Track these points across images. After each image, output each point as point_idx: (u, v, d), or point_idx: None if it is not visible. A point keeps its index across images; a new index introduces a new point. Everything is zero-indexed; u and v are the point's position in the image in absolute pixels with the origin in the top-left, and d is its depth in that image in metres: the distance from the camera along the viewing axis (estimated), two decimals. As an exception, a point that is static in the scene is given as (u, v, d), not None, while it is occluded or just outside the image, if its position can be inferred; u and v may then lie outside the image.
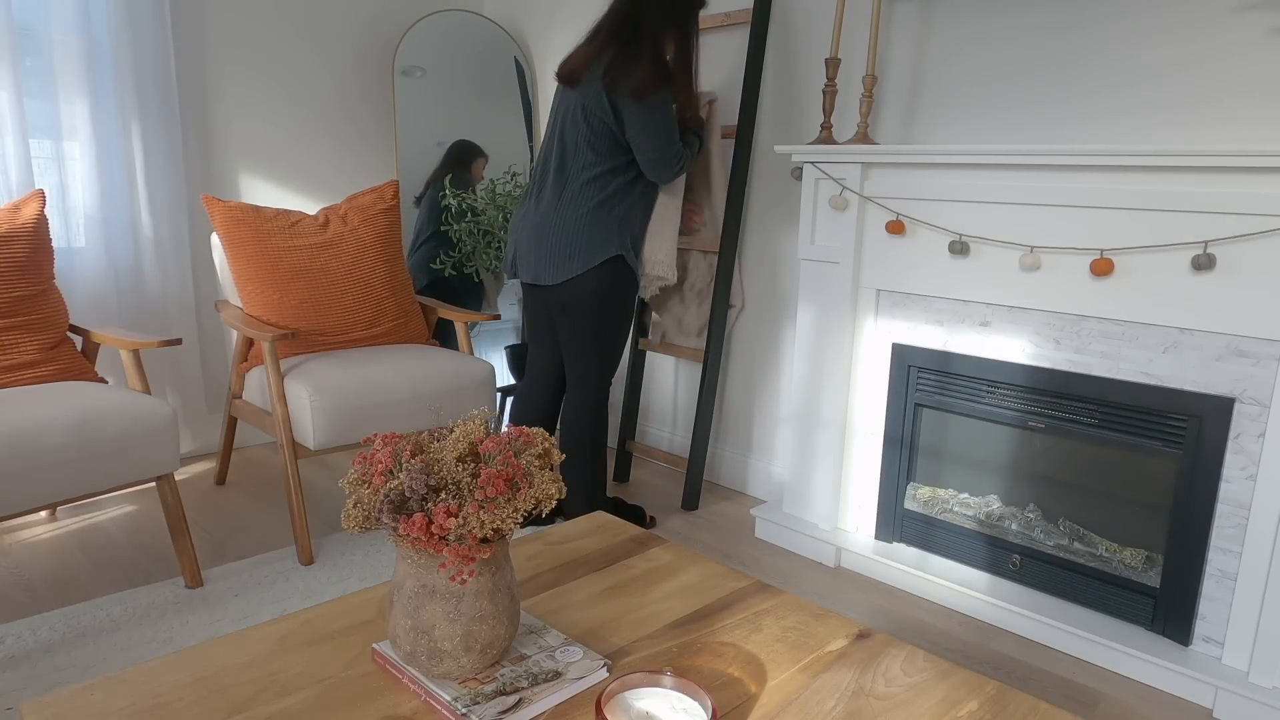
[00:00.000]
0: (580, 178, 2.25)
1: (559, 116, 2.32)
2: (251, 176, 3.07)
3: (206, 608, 1.98)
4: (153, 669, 1.01)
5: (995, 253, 2.00)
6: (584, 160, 2.25)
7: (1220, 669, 1.76)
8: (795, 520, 2.47)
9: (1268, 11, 1.75)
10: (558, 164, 2.29)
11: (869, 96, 2.21)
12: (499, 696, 0.94)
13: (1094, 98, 2.00)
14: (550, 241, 2.25)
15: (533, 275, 2.31)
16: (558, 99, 2.35)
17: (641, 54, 2.19)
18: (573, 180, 2.26)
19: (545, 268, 2.27)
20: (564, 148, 2.29)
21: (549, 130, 2.37)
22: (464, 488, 0.93)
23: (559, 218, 2.25)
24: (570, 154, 2.27)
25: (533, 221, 2.30)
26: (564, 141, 2.29)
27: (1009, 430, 2.13)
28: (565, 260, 2.23)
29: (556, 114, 2.34)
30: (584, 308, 2.27)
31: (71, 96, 2.61)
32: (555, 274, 2.26)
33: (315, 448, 2.22)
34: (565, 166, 2.28)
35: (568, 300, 2.28)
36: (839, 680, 1.04)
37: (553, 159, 2.31)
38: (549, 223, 2.26)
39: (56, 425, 1.80)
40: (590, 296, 2.26)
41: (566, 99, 2.30)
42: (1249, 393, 1.70)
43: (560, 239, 2.24)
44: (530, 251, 2.30)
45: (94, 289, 2.71)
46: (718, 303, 2.63)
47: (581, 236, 2.22)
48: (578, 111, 2.25)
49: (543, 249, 2.26)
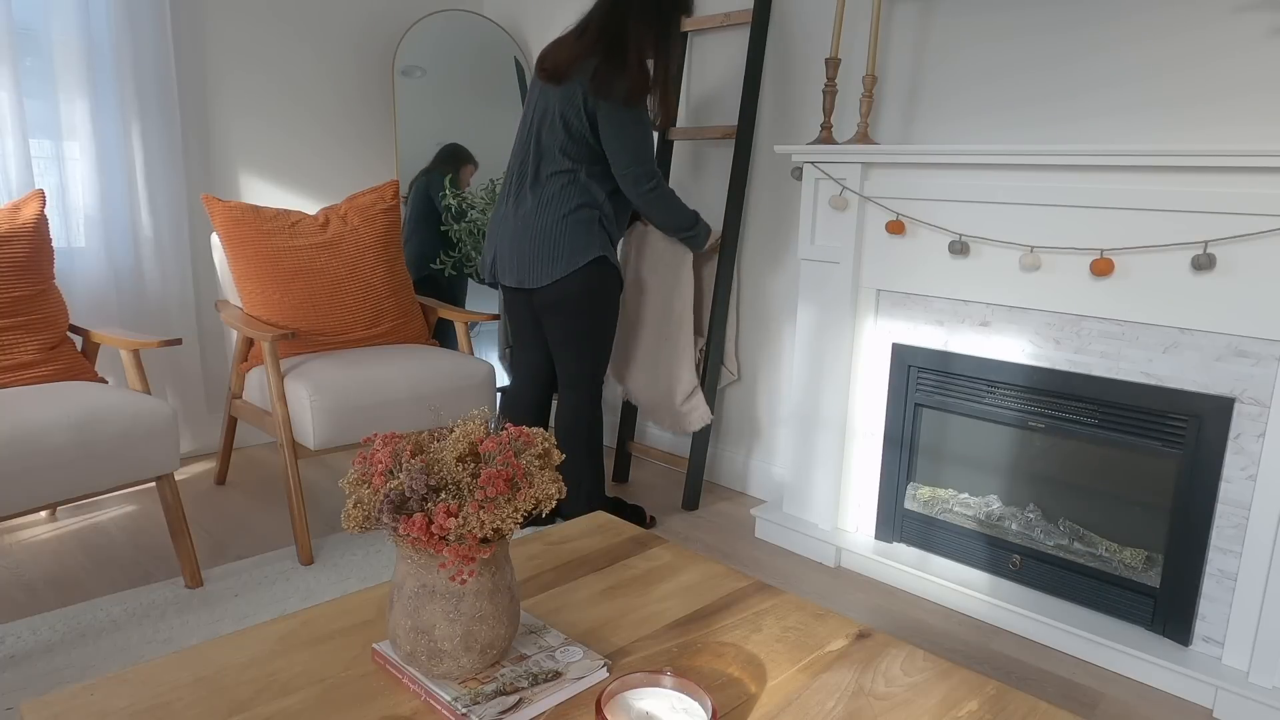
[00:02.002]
0: (558, 180, 2.23)
1: (536, 115, 2.29)
2: (251, 176, 3.07)
3: (206, 608, 1.98)
4: (153, 669, 1.01)
5: (995, 253, 2.00)
6: (561, 164, 2.23)
7: (1220, 669, 1.76)
8: (795, 520, 2.47)
9: (1268, 11, 1.75)
10: (534, 165, 2.27)
11: (869, 96, 2.21)
12: (499, 696, 0.94)
13: (1094, 97, 2.00)
14: (533, 245, 2.24)
15: (516, 279, 2.29)
16: (535, 94, 2.31)
17: (628, 61, 2.19)
18: (550, 182, 2.24)
19: (529, 270, 2.26)
20: (540, 149, 2.27)
21: (524, 128, 2.33)
22: (464, 488, 0.93)
23: (540, 221, 2.23)
24: (546, 156, 2.25)
25: (512, 226, 2.28)
26: (540, 142, 2.27)
27: (1009, 430, 2.13)
28: (550, 263, 2.22)
29: (534, 111, 2.30)
30: (570, 309, 2.27)
31: (71, 96, 2.61)
32: (540, 277, 2.24)
33: (315, 448, 2.22)
34: (541, 168, 2.26)
35: (554, 302, 2.27)
36: (839, 680, 1.04)
37: (529, 160, 2.29)
38: (530, 226, 2.24)
39: (56, 425, 1.80)
40: (576, 298, 2.25)
41: (546, 98, 2.27)
42: (1249, 393, 1.70)
43: (542, 243, 2.22)
44: (512, 255, 2.29)
45: (94, 289, 2.71)
46: (718, 301, 2.63)
47: (564, 240, 2.21)
48: (556, 115, 2.23)
49: (526, 252, 2.25)
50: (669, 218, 2.37)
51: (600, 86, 2.16)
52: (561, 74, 2.23)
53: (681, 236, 2.46)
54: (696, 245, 2.50)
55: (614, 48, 2.20)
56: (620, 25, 2.22)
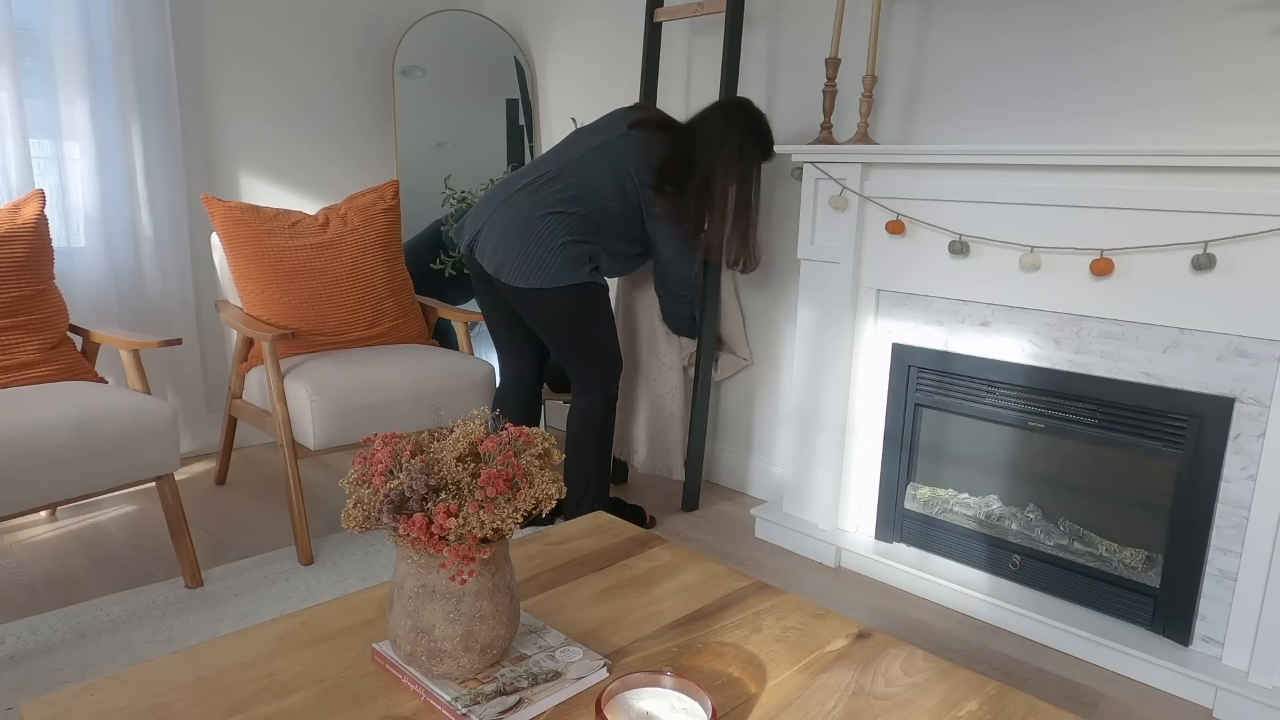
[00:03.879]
0: (564, 207, 2.20)
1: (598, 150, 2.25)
2: (251, 176, 3.07)
3: (206, 608, 1.98)
4: (153, 669, 1.01)
5: (995, 253, 2.00)
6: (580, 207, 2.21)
7: (1220, 669, 1.76)
8: (795, 520, 2.47)
9: (1267, 11, 1.75)
10: (557, 177, 2.23)
11: (869, 96, 2.21)
12: (499, 696, 0.94)
13: (1095, 96, 2.00)
14: (521, 245, 2.17)
15: (494, 266, 2.20)
16: (605, 132, 2.29)
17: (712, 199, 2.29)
18: (558, 204, 2.20)
19: (507, 266, 2.18)
20: (565, 172, 2.23)
21: (578, 147, 2.28)
22: (464, 488, 0.93)
23: (540, 228, 2.18)
24: (582, 185, 2.22)
25: (509, 216, 2.20)
26: (579, 167, 2.24)
27: (1009, 430, 2.13)
28: (535, 271, 2.16)
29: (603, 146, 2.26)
30: (556, 326, 2.24)
31: (71, 96, 2.61)
32: (518, 277, 2.17)
33: (315, 448, 2.22)
34: (567, 186, 2.22)
35: (536, 316, 2.23)
36: (839, 680, 1.04)
37: (556, 167, 2.24)
38: (520, 227, 2.18)
39: (56, 425, 1.80)
40: (561, 316, 2.22)
41: (618, 151, 2.24)
42: (1249, 393, 1.70)
43: (532, 249, 2.17)
44: (498, 244, 2.20)
45: (94, 289, 2.71)
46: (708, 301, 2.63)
47: (550, 259, 2.16)
48: (611, 166, 2.23)
49: (512, 248, 2.18)
50: (682, 316, 2.53)
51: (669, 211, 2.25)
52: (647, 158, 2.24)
53: (674, 322, 2.57)
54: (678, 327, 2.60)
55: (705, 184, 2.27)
56: (713, 163, 2.27)
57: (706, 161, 2.27)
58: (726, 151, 2.27)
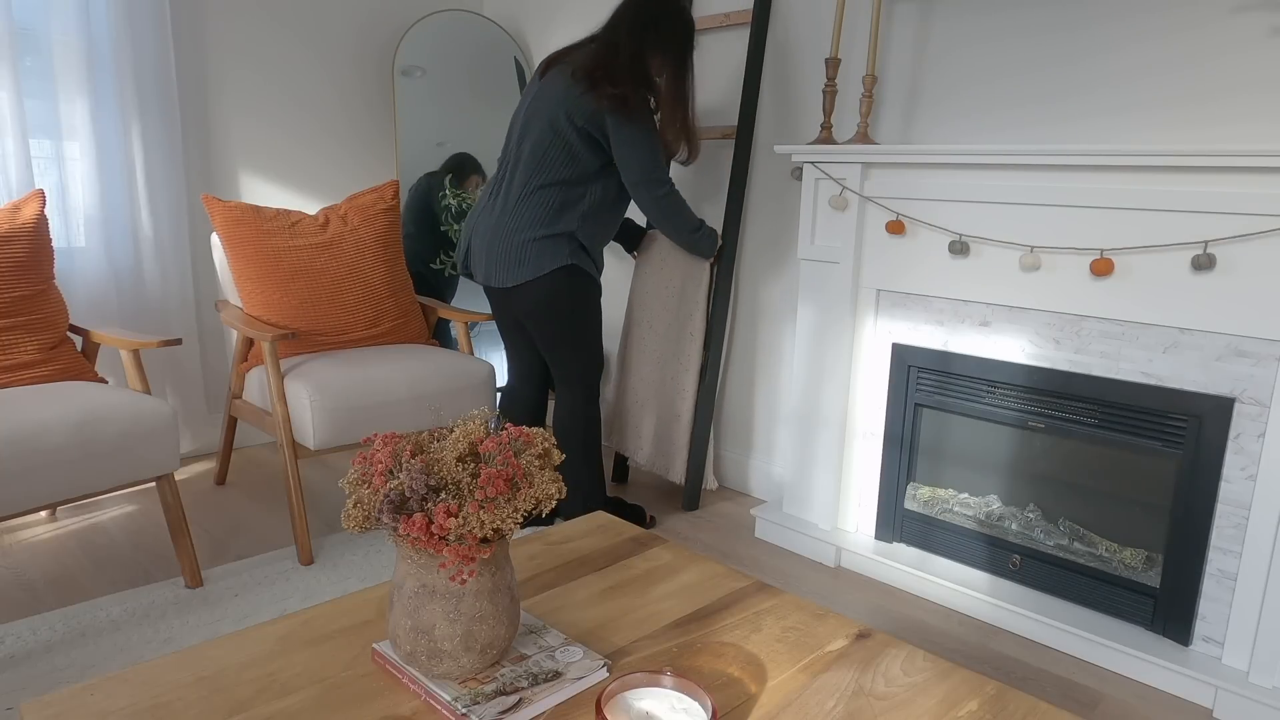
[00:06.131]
0: (534, 183, 2.22)
1: (528, 116, 2.28)
2: (251, 176, 3.07)
3: (206, 608, 1.98)
4: (153, 669, 1.01)
5: (995, 253, 2.00)
6: (540, 178, 2.22)
7: (1220, 669, 1.76)
8: (795, 520, 2.47)
9: (1267, 11, 1.75)
10: (512, 166, 2.28)
11: (869, 96, 2.21)
12: (499, 696, 0.94)
13: (1094, 97, 2.00)
14: (500, 246, 2.24)
15: (484, 276, 2.30)
16: (532, 94, 2.31)
17: (649, 79, 2.24)
18: (528, 185, 2.23)
19: (495, 270, 2.26)
20: (522, 151, 2.26)
21: (516, 128, 2.32)
22: (464, 488, 0.93)
23: (511, 224, 2.23)
24: (530, 158, 2.24)
25: (488, 224, 2.28)
26: (523, 144, 2.26)
27: (1009, 430, 2.13)
28: (516, 266, 2.22)
29: (529, 112, 2.29)
30: (544, 315, 2.27)
31: (71, 96, 2.60)
32: (504, 278, 2.24)
33: (315, 448, 2.22)
34: (520, 170, 2.26)
35: (528, 308, 2.27)
36: (839, 680, 1.04)
37: (510, 163, 2.29)
38: (502, 227, 2.24)
39: (56, 425, 1.80)
40: (546, 304, 2.25)
41: (542, 100, 2.26)
42: (1249, 393, 1.70)
43: (509, 246, 2.22)
44: (482, 252, 2.29)
45: (94, 289, 2.71)
46: (717, 303, 2.63)
47: (530, 246, 2.20)
48: (547, 120, 2.23)
49: (493, 252, 2.25)
50: (680, 222, 2.39)
51: (615, 100, 2.17)
52: (571, 76, 2.22)
53: (689, 240, 2.46)
54: (705, 250, 2.50)
55: (635, 64, 2.22)
56: (639, 45, 2.24)
57: (630, 45, 2.24)
58: (646, 31, 2.25)
